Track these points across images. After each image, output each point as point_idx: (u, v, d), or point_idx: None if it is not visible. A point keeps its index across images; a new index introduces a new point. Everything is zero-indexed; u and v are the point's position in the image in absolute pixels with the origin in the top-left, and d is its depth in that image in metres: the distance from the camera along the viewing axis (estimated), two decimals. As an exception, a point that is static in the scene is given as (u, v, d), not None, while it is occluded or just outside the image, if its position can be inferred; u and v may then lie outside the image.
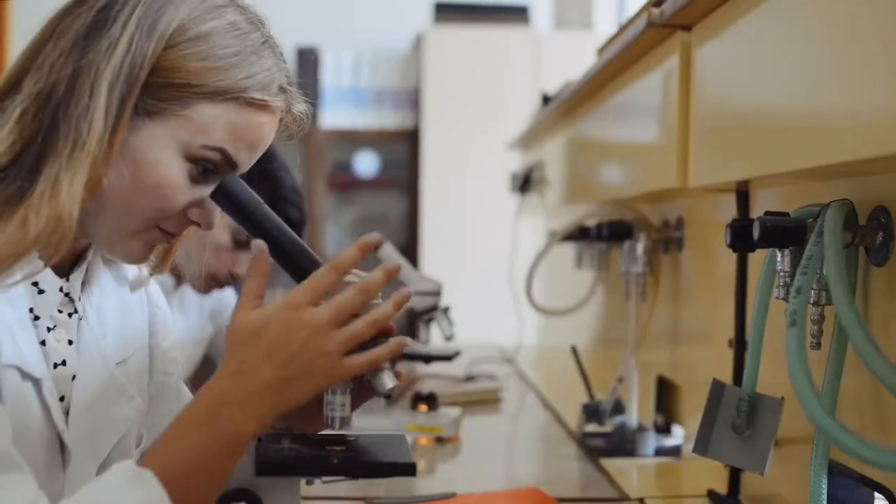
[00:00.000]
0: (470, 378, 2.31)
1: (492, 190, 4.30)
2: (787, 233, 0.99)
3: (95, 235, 0.96)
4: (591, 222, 1.91)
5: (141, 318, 1.09)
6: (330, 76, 4.74)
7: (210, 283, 1.92)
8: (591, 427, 1.77)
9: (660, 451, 1.68)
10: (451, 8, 4.72)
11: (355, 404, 0.94)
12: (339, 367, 0.89)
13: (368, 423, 1.64)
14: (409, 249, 4.96)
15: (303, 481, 0.95)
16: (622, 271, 1.72)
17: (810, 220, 1.00)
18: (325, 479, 0.92)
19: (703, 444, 1.15)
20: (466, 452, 1.73)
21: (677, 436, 1.73)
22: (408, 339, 0.92)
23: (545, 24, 5.08)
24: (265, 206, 0.97)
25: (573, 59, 4.52)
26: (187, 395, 1.16)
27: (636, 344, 1.71)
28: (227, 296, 2.19)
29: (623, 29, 1.63)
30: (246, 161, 0.97)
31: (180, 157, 0.93)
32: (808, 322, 0.98)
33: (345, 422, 0.92)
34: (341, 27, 4.90)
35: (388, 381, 0.91)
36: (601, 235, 1.73)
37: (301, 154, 4.50)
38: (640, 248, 1.67)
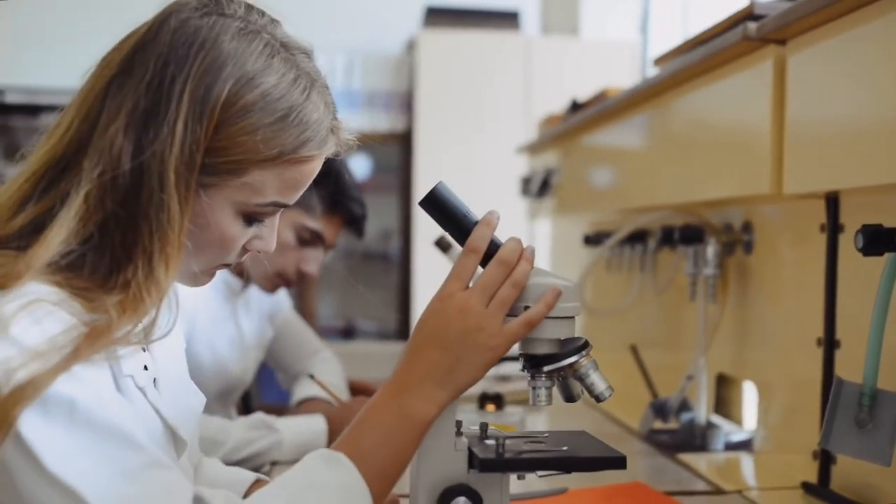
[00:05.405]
0: (504, 378, 2.35)
1: (486, 191, 4.34)
2: (931, 238, 1.06)
3: None
4: (647, 226, 1.98)
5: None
6: (321, 79, 4.77)
7: (277, 281, 1.94)
8: (657, 424, 1.83)
9: (729, 447, 1.74)
10: (442, 12, 4.77)
11: None
12: (499, 338, 0.97)
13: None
14: (404, 253, 4.98)
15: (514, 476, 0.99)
16: (688, 274, 1.78)
17: (945, 226, 1.08)
18: (539, 473, 0.97)
19: (826, 438, 1.22)
20: (542, 450, 1.77)
21: (745, 431, 1.79)
22: (558, 287, 0.98)
23: (534, 29, 5.15)
24: (472, 213, 1.01)
25: (562, 63, 4.63)
26: None
27: (707, 344, 1.77)
28: (282, 299, 2.21)
29: (694, 42, 1.69)
30: (295, 198, 1.01)
31: (236, 214, 0.97)
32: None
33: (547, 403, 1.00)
34: (333, 31, 4.92)
35: (599, 383, 0.97)
36: (671, 239, 1.78)
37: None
38: (710, 250, 1.73)
